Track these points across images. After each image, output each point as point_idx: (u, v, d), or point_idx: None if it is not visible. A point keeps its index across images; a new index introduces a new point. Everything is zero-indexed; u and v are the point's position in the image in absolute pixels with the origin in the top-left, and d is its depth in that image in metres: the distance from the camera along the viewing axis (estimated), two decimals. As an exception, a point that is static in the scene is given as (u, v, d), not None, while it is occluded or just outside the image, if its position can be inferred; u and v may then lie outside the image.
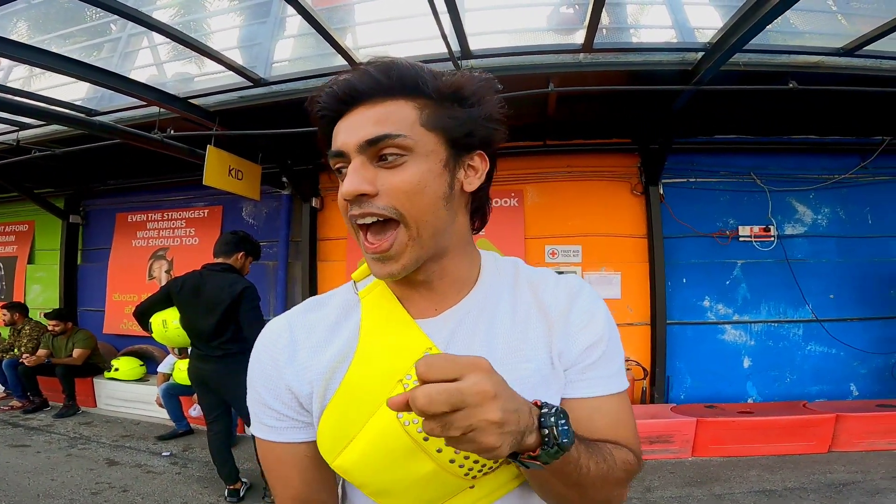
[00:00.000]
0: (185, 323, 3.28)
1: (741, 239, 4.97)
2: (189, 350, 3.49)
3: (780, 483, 3.62)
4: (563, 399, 0.73)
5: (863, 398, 4.86)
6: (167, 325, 3.33)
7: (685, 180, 5.06)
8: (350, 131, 0.65)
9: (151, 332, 3.41)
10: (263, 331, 0.78)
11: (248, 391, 0.77)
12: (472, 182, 0.72)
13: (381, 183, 0.65)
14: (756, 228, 4.95)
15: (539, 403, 0.59)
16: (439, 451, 0.62)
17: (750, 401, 4.92)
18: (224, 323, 3.18)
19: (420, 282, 0.73)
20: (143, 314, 3.39)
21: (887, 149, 4.84)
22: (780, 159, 5.01)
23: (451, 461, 0.62)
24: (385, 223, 0.67)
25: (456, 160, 0.69)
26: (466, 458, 0.62)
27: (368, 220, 0.66)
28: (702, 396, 4.92)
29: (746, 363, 4.97)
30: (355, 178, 0.64)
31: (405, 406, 0.50)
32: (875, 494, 3.38)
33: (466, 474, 0.64)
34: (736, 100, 4.09)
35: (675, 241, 4.99)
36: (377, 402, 0.66)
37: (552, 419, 0.57)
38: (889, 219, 4.99)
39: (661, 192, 4.97)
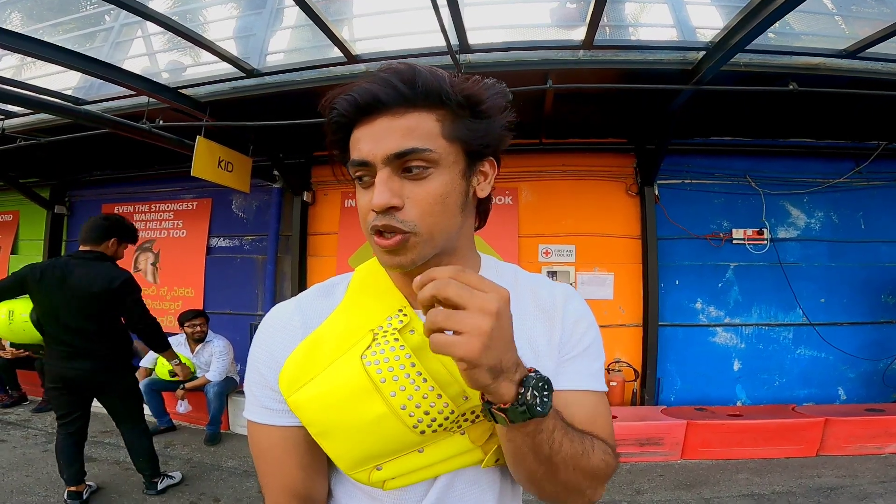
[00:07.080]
0: (43, 316, 2.92)
1: (734, 241, 4.97)
2: (46, 350, 3.07)
3: (768, 487, 3.62)
4: None
5: (850, 402, 4.89)
6: (13, 316, 2.97)
7: (680, 182, 5.05)
8: (375, 142, 0.65)
9: None
10: (272, 312, 0.80)
11: (248, 373, 0.78)
12: (483, 188, 0.75)
13: (407, 194, 0.66)
14: (750, 231, 4.95)
15: (532, 370, 0.62)
16: (393, 394, 0.64)
17: (739, 403, 4.93)
18: (99, 316, 2.92)
19: None
20: None
21: (883, 153, 4.86)
22: (775, 162, 5.02)
23: (403, 407, 0.64)
24: None
25: (471, 168, 0.72)
26: (418, 406, 0.64)
27: (388, 235, 0.67)
28: (691, 399, 4.92)
29: (736, 366, 4.98)
30: (385, 190, 0.65)
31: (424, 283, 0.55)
32: (863, 499, 3.39)
33: (415, 426, 0.66)
34: (733, 101, 4.08)
35: (669, 243, 4.98)
36: (343, 348, 0.69)
37: (534, 382, 0.59)
38: (882, 224, 5.01)
39: (657, 192, 4.95)
